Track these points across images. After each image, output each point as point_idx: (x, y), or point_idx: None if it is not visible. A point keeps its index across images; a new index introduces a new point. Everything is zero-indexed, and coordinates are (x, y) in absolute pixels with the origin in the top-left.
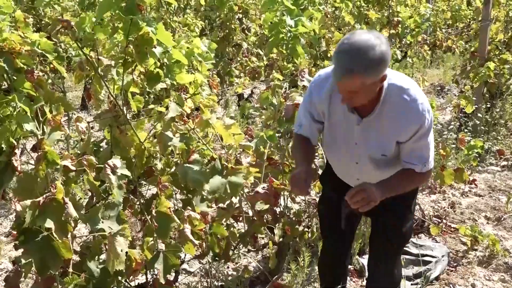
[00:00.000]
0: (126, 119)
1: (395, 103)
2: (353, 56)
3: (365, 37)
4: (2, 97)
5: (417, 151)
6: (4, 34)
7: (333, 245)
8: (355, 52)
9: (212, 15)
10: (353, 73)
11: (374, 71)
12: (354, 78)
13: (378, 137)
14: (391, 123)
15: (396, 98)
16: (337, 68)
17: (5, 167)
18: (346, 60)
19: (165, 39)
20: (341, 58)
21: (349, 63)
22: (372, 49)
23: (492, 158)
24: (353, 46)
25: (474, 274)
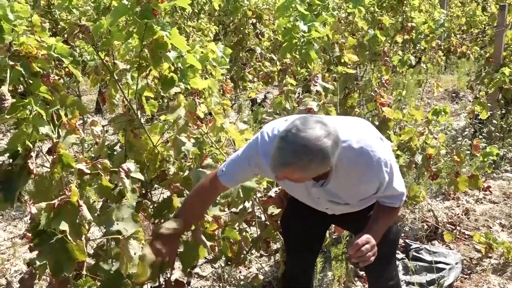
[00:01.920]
0: (140, 123)
1: (351, 165)
2: (294, 152)
3: (311, 133)
4: (19, 101)
5: (390, 194)
6: (21, 39)
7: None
8: (298, 149)
9: (226, 20)
10: (291, 168)
11: (315, 166)
12: (291, 173)
13: (339, 193)
14: (351, 184)
15: (352, 159)
16: (274, 159)
17: (20, 170)
18: (285, 156)
19: (179, 43)
20: (280, 152)
21: (287, 159)
22: (315, 148)
23: (507, 164)
24: (296, 142)
25: (488, 282)
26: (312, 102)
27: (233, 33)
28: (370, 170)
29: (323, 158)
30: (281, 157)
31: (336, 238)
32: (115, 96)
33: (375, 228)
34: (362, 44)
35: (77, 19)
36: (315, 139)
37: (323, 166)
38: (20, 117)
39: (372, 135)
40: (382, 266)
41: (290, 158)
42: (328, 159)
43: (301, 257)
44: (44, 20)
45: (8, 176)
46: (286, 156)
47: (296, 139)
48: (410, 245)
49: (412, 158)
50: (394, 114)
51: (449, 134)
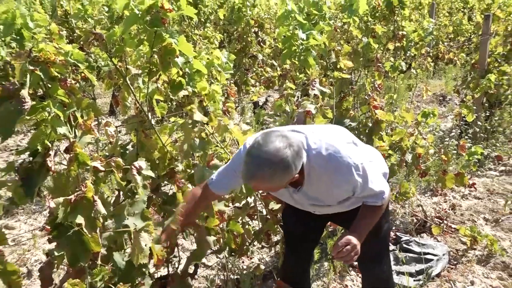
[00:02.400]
0: (151, 124)
1: (322, 171)
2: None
3: (271, 147)
4: (38, 103)
5: (369, 193)
6: (40, 45)
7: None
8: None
9: (230, 28)
10: (258, 180)
11: (279, 175)
12: (259, 183)
13: (320, 195)
14: (325, 188)
15: (322, 165)
16: (243, 173)
17: (40, 167)
18: (251, 169)
19: (187, 50)
20: (247, 166)
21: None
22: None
23: (491, 163)
24: (258, 156)
25: (473, 272)
26: (310, 105)
27: (237, 40)
28: (339, 174)
29: (284, 168)
30: (247, 171)
31: (332, 231)
32: (127, 99)
33: (359, 228)
34: (357, 51)
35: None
36: (275, 151)
37: (287, 175)
38: (40, 118)
39: (343, 140)
40: (374, 261)
41: (254, 170)
42: (290, 168)
43: (298, 251)
44: (62, 28)
45: (28, 173)
46: (251, 169)
47: (258, 153)
48: (400, 238)
49: (402, 157)
50: (386, 116)
51: (437, 135)
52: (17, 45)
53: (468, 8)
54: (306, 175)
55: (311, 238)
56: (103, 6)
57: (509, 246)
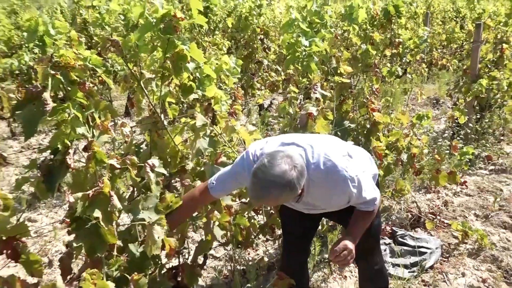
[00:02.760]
0: (163, 125)
1: (320, 183)
2: (265, 187)
3: (277, 170)
4: (59, 105)
5: (362, 201)
6: (61, 51)
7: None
8: (268, 184)
9: (238, 36)
10: (266, 200)
11: (286, 195)
12: (266, 202)
13: (321, 206)
14: (324, 198)
15: (320, 178)
16: (251, 192)
17: (60, 165)
18: (258, 190)
19: (197, 56)
20: (254, 187)
21: (261, 193)
22: (282, 181)
23: (481, 162)
24: (265, 179)
25: (464, 264)
26: (312, 108)
27: (244, 47)
28: (336, 186)
29: (290, 189)
30: (255, 192)
31: (332, 225)
32: (141, 101)
33: (353, 231)
34: (356, 57)
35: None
36: (282, 173)
37: (293, 194)
38: (60, 119)
39: (339, 154)
40: (367, 254)
41: (262, 193)
42: (295, 189)
43: (296, 248)
44: (81, 35)
45: (49, 170)
46: (258, 191)
47: (264, 176)
48: (396, 232)
49: (398, 157)
50: (383, 118)
51: (431, 136)
52: (40, 50)
53: (460, 17)
54: (306, 187)
55: (307, 236)
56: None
57: (498, 240)
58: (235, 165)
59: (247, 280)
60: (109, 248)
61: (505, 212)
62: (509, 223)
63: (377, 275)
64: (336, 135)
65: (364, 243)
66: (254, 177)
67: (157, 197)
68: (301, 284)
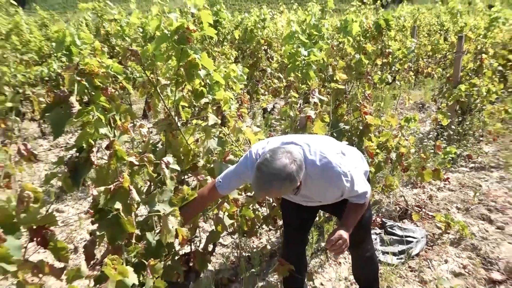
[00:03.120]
0: (177, 126)
1: (317, 178)
2: (268, 180)
3: (279, 164)
4: (84, 108)
5: (354, 194)
6: (86, 60)
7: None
8: (270, 177)
9: (244, 46)
10: (268, 191)
11: (287, 187)
12: (269, 194)
13: (316, 196)
14: (320, 191)
15: (317, 174)
16: (254, 185)
17: (85, 161)
18: (262, 183)
19: (208, 64)
20: (258, 180)
21: (264, 185)
22: (283, 174)
23: (462, 161)
24: (268, 172)
25: (447, 252)
26: (311, 111)
27: (249, 57)
28: (331, 181)
29: (290, 181)
30: (258, 184)
31: (328, 217)
32: (158, 105)
33: (347, 223)
34: (350, 66)
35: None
36: (283, 167)
37: (292, 186)
38: (85, 121)
39: (333, 152)
40: (359, 242)
41: (265, 185)
42: (295, 181)
43: (295, 238)
44: (104, 46)
45: (75, 166)
46: (262, 184)
47: (267, 169)
48: (385, 223)
49: (388, 155)
50: (374, 121)
51: (417, 136)
52: (67, 59)
53: (444, 30)
54: (303, 181)
55: (305, 228)
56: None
57: (478, 231)
58: (239, 165)
59: (251, 265)
60: (128, 237)
61: (483, 206)
62: (487, 215)
63: (368, 262)
64: (332, 136)
65: (356, 234)
66: (257, 171)
67: (171, 191)
68: (299, 270)
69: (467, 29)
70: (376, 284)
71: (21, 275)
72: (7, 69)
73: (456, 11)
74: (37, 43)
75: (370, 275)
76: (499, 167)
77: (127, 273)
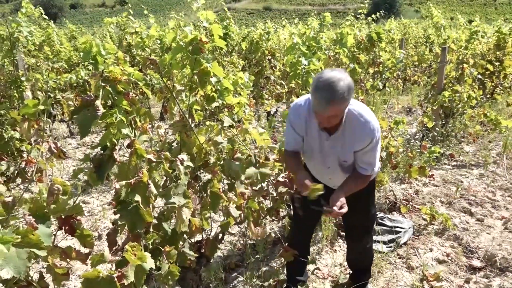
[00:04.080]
0: (191, 127)
1: (353, 124)
2: (331, 90)
3: (333, 73)
4: (108, 111)
5: (367, 158)
6: (110, 67)
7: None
8: (332, 86)
9: (250, 56)
10: (334, 103)
11: (347, 98)
12: (334, 106)
13: (341, 148)
14: (350, 138)
15: (354, 121)
16: (320, 100)
17: (108, 158)
18: (326, 94)
19: (218, 72)
20: (321, 93)
21: (329, 96)
22: (342, 81)
23: (445, 159)
24: (327, 82)
25: (431, 242)
26: None
27: (255, 65)
28: (365, 129)
29: (349, 89)
30: (324, 98)
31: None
32: (173, 108)
33: (347, 187)
34: None
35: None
36: (340, 77)
37: (351, 96)
38: (109, 122)
39: (371, 113)
40: (363, 233)
41: (331, 95)
42: (352, 91)
43: (302, 229)
44: (126, 56)
45: (100, 162)
46: (327, 96)
47: (327, 81)
48: (376, 215)
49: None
50: None
51: (405, 137)
52: (93, 67)
53: (429, 42)
54: (343, 123)
55: (312, 221)
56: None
57: (459, 222)
58: (287, 123)
59: (256, 252)
60: (147, 226)
61: (465, 200)
62: (468, 208)
63: (367, 251)
64: None
65: (362, 224)
66: (317, 90)
67: (185, 185)
68: (303, 257)
69: (450, 42)
70: (369, 270)
71: (51, 260)
72: (40, 76)
73: (440, 25)
74: (67, 53)
75: (366, 264)
76: (479, 165)
77: (145, 258)
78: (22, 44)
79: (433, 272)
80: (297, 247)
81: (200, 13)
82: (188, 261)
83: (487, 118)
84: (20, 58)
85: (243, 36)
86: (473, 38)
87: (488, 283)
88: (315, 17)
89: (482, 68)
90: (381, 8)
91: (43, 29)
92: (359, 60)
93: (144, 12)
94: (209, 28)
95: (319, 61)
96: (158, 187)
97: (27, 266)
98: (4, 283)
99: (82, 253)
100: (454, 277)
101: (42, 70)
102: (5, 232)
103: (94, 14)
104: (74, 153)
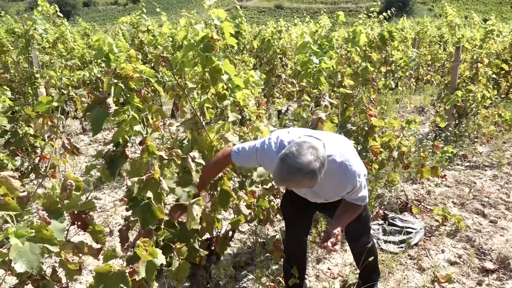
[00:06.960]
0: (202, 125)
1: (333, 174)
2: (291, 173)
3: (304, 159)
4: (120, 108)
5: (355, 196)
6: (122, 65)
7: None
8: (294, 170)
9: (261, 55)
10: (289, 182)
11: (307, 181)
12: (289, 185)
13: (324, 193)
14: (331, 186)
15: (334, 170)
16: (276, 175)
17: (120, 155)
18: (284, 174)
19: (230, 70)
20: (281, 171)
21: (286, 177)
22: (306, 169)
23: (458, 160)
24: (292, 165)
25: (443, 243)
26: (322, 113)
27: (266, 64)
28: (347, 178)
29: (312, 177)
30: (281, 175)
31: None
32: (185, 106)
33: (339, 222)
34: (357, 73)
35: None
36: (307, 163)
37: (312, 182)
38: (121, 119)
39: (350, 152)
40: (358, 236)
41: (287, 176)
42: (316, 177)
43: (295, 233)
44: (138, 53)
45: (112, 159)
46: (284, 175)
47: (292, 163)
48: (388, 215)
49: (390, 154)
50: (378, 122)
51: (417, 137)
52: (106, 65)
53: (443, 41)
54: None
55: (303, 228)
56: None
57: (472, 224)
58: (260, 147)
59: (266, 250)
60: (158, 222)
61: (478, 201)
62: (481, 210)
63: (368, 253)
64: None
65: (355, 229)
66: (281, 162)
67: (197, 182)
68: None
69: (464, 40)
70: (376, 270)
71: (63, 255)
72: (54, 73)
73: (454, 24)
74: (80, 51)
75: (372, 263)
76: (492, 166)
77: (157, 254)
78: (37, 41)
79: (445, 274)
80: (294, 254)
81: (211, 11)
82: (198, 257)
83: (502, 118)
84: (35, 55)
85: (255, 34)
86: (488, 37)
87: (501, 285)
88: (329, 17)
89: (497, 67)
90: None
91: (57, 27)
92: (371, 59)
93: (156, 10)
94: (220, 26)
95: (331, 59)
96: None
97: (40, 261)
98: (18, 276)
99: (94, 248)
100: (466, 279)
101: (56, 67)
102: (20, 226)
103: (107, 12)
104: (87, 149)
